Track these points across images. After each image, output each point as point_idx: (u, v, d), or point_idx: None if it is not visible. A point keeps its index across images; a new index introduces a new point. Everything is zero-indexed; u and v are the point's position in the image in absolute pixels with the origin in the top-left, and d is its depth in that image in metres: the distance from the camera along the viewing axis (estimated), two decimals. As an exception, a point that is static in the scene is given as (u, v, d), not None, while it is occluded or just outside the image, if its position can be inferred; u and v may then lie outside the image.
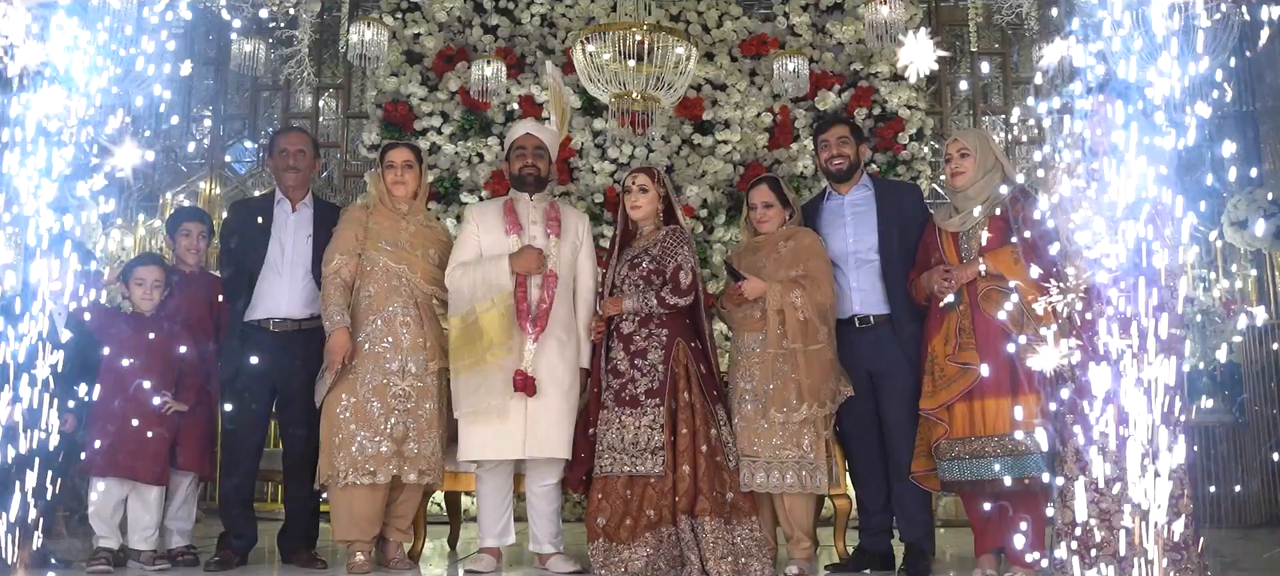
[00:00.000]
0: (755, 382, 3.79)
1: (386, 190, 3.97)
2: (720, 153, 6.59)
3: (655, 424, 3.69)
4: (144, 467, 3.85)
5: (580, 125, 6.58)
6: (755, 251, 3.95)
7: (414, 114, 6.67)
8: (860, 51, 6.73)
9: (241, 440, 4.00)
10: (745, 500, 3.72)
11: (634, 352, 3.79)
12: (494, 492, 3.87)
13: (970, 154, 3.76)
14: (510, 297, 3.74)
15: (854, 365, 3.88)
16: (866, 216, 4.01)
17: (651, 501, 3.66)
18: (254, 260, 4.02)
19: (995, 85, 7.59)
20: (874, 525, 3.97)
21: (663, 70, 5.02)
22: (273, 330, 3.99)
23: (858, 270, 3.95)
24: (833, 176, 4.08)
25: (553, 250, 3.87)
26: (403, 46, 6.80)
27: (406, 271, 3.87)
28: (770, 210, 3.95)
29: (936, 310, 3.74)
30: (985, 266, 3.61)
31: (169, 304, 4.06)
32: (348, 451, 3.71)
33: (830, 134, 4.07)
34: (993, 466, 3.55)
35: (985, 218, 3.73)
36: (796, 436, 3.71)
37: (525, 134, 4.01)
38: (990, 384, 3.56)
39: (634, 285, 3.85)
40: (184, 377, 4.02)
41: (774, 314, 3.74)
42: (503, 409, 3.68)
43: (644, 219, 3.97)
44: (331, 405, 3.77)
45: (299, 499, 4.03)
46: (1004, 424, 3.55)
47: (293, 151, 4.13)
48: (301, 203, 4.14)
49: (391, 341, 3.80)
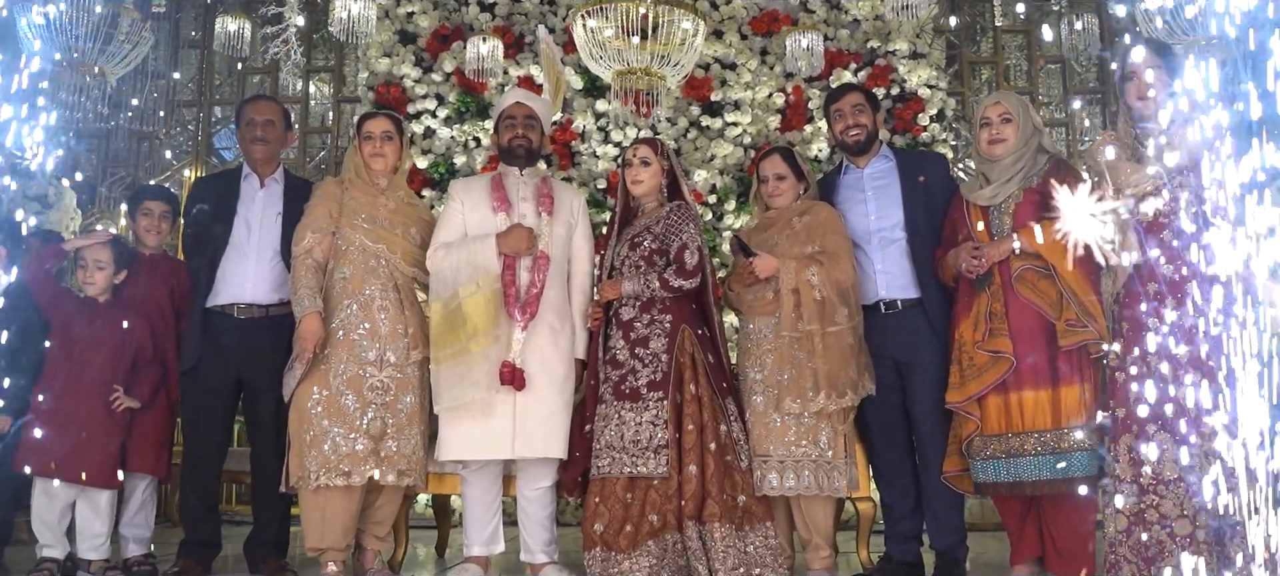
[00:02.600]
0: (767, 372, 3.46)
1: (364, 163, 3.65)
2: (730, 135, 6.30)
3: (658, 420, 3.35)
4: (93, 469, 3.53)
5: (582, 107, 6.31)
6: (767, 228, 3.64)
7: (407, 96, 6.40)
8: (878, 28, 6.46)
9: (203, 439, 3.69)
10: (758, 504, 3.40)
11: (635, 341, 3.46)
12: (480, 496, 3.55)
13: (1012, 119, 3.46)
14: (497, 281, 3.42)
15: (880, 354, 3.56)
16: (889, 190, 3.70)
17: (654, 505, 3.32)
18: (217, 240, 3.71)
19: (1019, 64, 7.26)
20: (901, 531, 3.63)
21: (668, 47, 4.76)
22: (237, 316, 3.68)
23: (883, 250, 3.62)
24: (850, 148, 3.75)
25: (545, 229, 3.55)
26: (395, 26, 6.53)
27: (385, 251, 3.55)
28: (783, 183, 3.63)
29: (965, 292, 3.43)
30: (1020, 243, 3.30)
31: (125, 289, 3.74)
32: (319, 450, 3.38)
33: (844, 103, 3.74)
34: (1032, 466, 3.25)
35: (1021, 190, 3.41)
36: (813, 431, 3.39)
37: (515, 103, 3.70)
38: (1027, 374, 3.27)
39: (635, 266, 3.53)
40: (139, 370, 3.71)
41: (788, 293, 3.41)
42: (488, 404, 3.36)
43: (646, 195, 3.64)
44: (302, 399, 3.44)
45: (267, 502, 3.70)
46: (1044, 418, 3.26)
47: (260, 122, 3.82)
48: (270, 177, 3.82)
49: (368, 328, 3.48)
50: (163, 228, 3.94)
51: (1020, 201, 3.39)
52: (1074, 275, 3.23)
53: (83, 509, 3.60)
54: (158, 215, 3.93)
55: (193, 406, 3.68)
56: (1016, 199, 3.40)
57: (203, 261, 3.72)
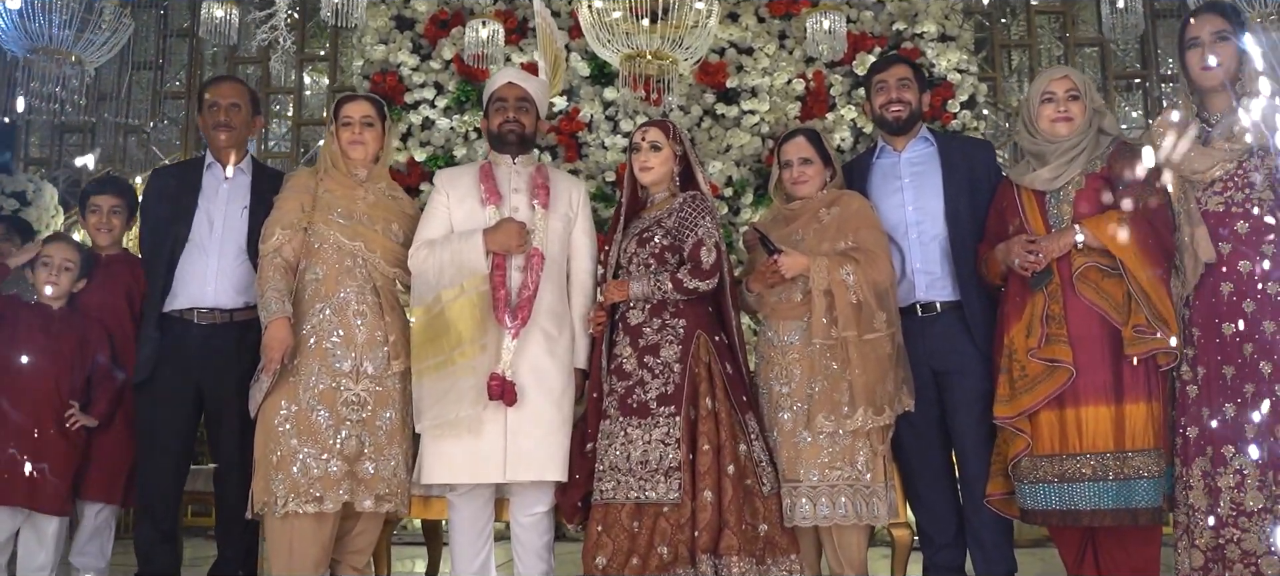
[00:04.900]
0: (795, 385, 3.08)
1: (341, 151, 3.30)
2: (746, 124, 5.97)
3: (669, 438, 2.97)
4: (41, 495, 3.20)
5: (589, 95, 6.00)
6: (790, 221, 3.26)
7: (405, 85, 6.11)
8: (904, 9, 6.12)
9: (159, 460, 3.34)
10: (783, 535, 3.02)
11: (643, 349, 3.09)
12: (469, 523, 3.19)
13: (1080, 96, 3.10)
14: (484, 283, 3.06)
15: (916, 363, 3.20)
16: (929, 178, 3.34)
17: (664, 535, 2.93)
18: (176, 237, 3.38)
19: (1051, 47, 6.88)
20: (941, 561, 3.26)
21: (680, 29, 4.52)
22: (198, 323, 3.34)
23: (921, 246, 3.27)
24: (889, 127, 3.38)
25: (539, 223, 3.19)
26: (392, 11, 6.24)
27: (362, 249, 3.20)
28: (809, 168, 3.25)
29: (1016, 292, 3.05)
30: (1083, 237, 2.94)
31: (80, 295, 3.43)
32: (287, 472, 3.02)
33: (889, 74, 3.38)
34: (1089, 493, 2.90)
35: (1083, 176, 3.03)
36: (849, 452, 3.02)
37: (506, 83, 3.33)
38: (1087, 387, 2.91)
39: (644, 265, 3.15)
40: (96, 385, 3.39)
41: (820, 296, 3.03)
42: (475, 422, 3.00)
43: (656, 184, 3.27)
44: (268, 415, 3.08)
45: (231, 530, 3.36)
46: (1105, 438, 2.89)
47: (224, 105, 3.47)
48: (236, 167, 3.48)
49: (342, 335, 3.12)
50: (114, 224, 3.62)
51: (1082, 188, 3.03)
52: (1149, 275, 2.85)
53: (27, 537, 3.30)
54: (107, 210, 3.61)
55: (147, 423, 3.34)
56: (1078, 185, 3.04)
57: (160, 261, 3.38)
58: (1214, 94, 2.95)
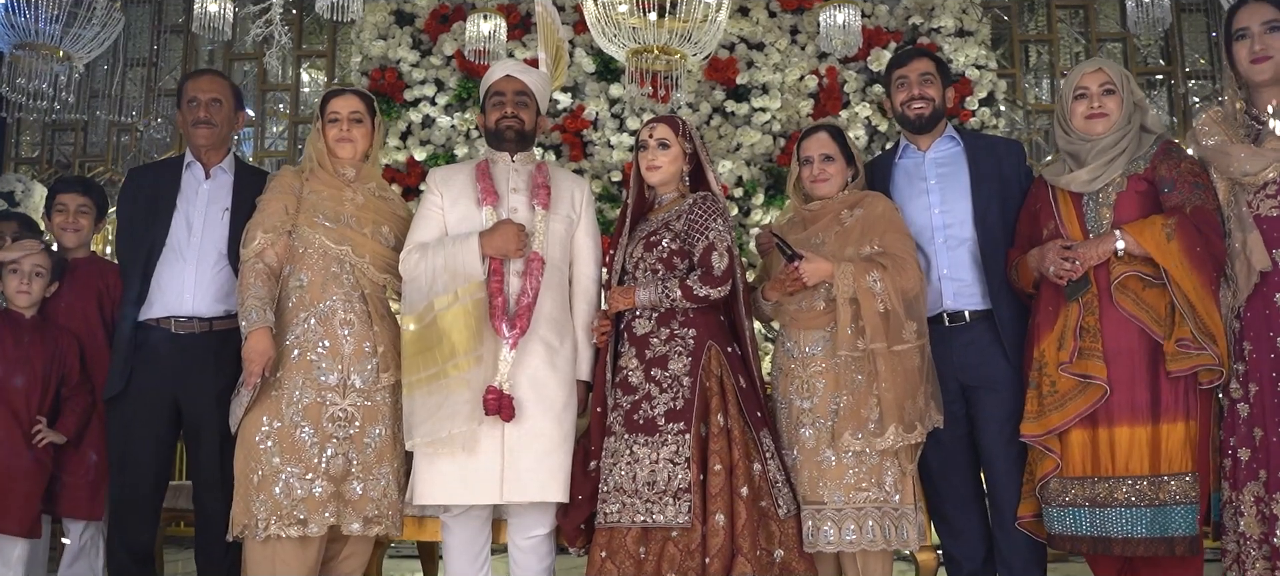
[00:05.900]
0: (817, 399, 2.88)
1: (328, 149, 3.11)
2: (757, 122, 5.82)
3: (679, 457, 2.78)
4: (7, 515, 3.01)
5: (595, 92, 5.86)
6: (809, 223, 3.07)
7: (404, 82, 5.98)
8: (920, 3, 5.97)
9: (132, 479, 3.16)
10: (801, 560, 2.82)
11: (650, 361, 2.90)
12: (464, 547, 3.00)
13: (1116, 90, 2.90)
14: (480, 289, 2.86)
15: (943, 376, 3.01)
16: (956, 179, 3.15)
17: (673, 562, 2.73)
18: (153, 241, 3.19)
19: (1070, 44, 6.68)
20: (971, 589, 3.06)
21: (688, 23, 4.39)
22: (175, 332, 3.14)
23: (949, 251, 3.07)
24: (911, 125, 3.18)
25: (539, 225, 3.00)
26: (391, 5, 6.11)
27: (350, 254, 3.02)
28: (830, 165, 3.06)
29: (1048, 301, 2.86)
30: (1124, 243, 2.74)
31: (49, 303, 3.26)
32: (269, 493, 2.84)
33: (910, 69, 3.18)
34: (1123, 519, 2.72)
35: (1124, 177, 2.83)
36: (876, 472, 2.83)
37: (504, 76, 3.13)
38: (1122, 406, 2.73)
39: (651, 271, 2.97)
40: (67, 399, 3.21)
41: (845, 304, 2.84)
42: (470, 439, 2.81)
43: (664, 184, 3.07)
44: (249, 432, 2.90)
45: (211, 554, 3.17)
46: (1140, 461, 2.71)
47: (204, 100, 3.28)
48: (217, 167, 3.29)
49: (328, 346, 2.94)
50: (81, 223, 3.46)
51: (1123, 190, 2.83)
52: (1195, 284, 2.65)
53: (-8, 563, 3.10)
54: (73, 209, 3.44)
55: (119, 440, 3.15)
56: (1119, 187, 2.84)
57: (135, 267, 3.20)
58: (1264, 89, 2.76)
